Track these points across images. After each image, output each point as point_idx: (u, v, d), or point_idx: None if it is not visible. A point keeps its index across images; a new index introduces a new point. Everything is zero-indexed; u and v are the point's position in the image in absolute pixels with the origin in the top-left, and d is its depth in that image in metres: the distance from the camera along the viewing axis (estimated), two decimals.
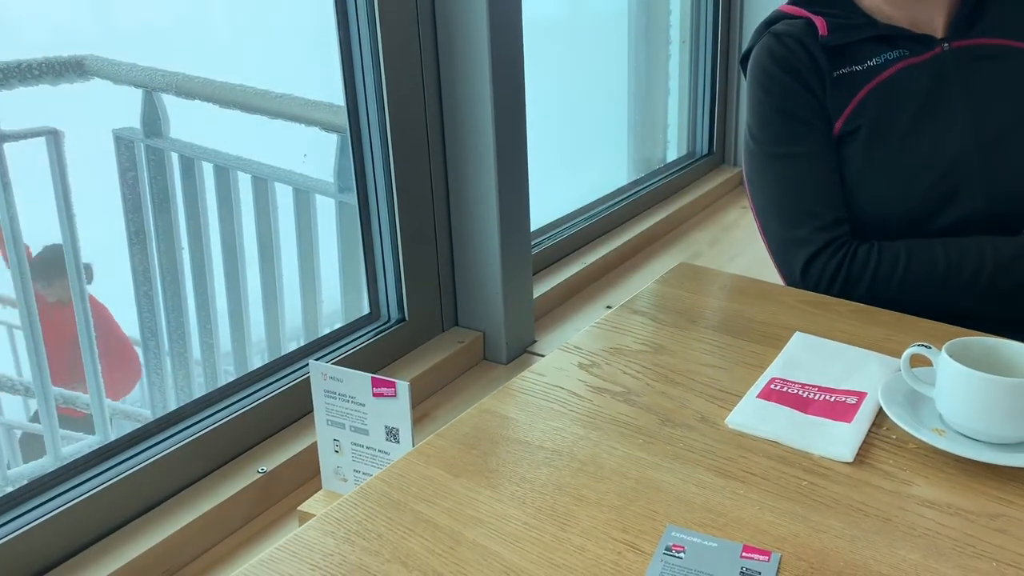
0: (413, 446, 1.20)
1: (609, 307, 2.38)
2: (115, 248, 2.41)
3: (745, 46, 1.65)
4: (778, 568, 0.87)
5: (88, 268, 2.74)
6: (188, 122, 2.52)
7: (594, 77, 3.29)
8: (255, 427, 1.68)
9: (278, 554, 0.91)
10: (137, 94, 2.52)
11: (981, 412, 1.02)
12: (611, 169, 3.15)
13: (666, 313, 1.38)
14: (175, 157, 2.50)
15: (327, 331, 1.94)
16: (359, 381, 1.36)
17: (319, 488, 1.48)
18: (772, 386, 1.15)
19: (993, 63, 1.51)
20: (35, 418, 2.96)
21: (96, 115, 2.46)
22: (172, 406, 2.31)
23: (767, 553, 0.88)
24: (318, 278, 2.59)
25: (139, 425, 1.56)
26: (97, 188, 2.48)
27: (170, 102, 2.53)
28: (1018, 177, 1.47)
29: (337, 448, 1.42)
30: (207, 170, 2.53)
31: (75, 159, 2.23)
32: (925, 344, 1.08)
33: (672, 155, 3.29)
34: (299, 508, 1.42)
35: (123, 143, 2.46)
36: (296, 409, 1.74)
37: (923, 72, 1.50)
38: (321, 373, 1.38)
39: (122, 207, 2.41)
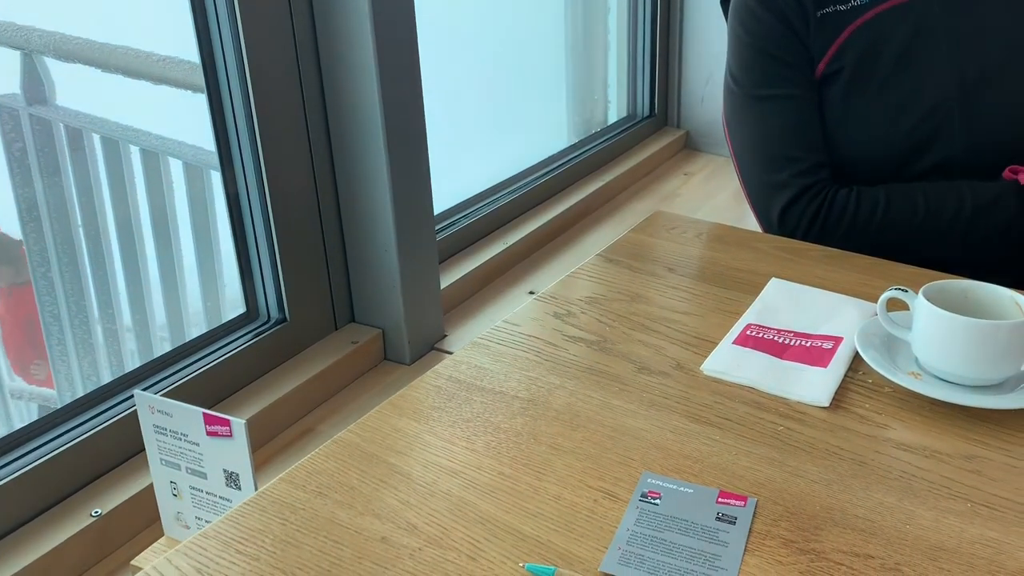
0: (256, 490, 1.11)
1: (532, 292, 2.32)
2: (8, 227, 2.40)
3: None
4: (754, 513, 0.92)
5: None
6: (76, 88, 2.50)
7: (527, 30, 3.22)
8: (89, 462, 1.57)
9: (246, 509, 0.95)
10: (16, 56, 2.50)
11: (957, 355, 1.09)
12: (547, 133, 3.13)
13: (641, 261, 1.44)
14: (63, 128, 2.49)
15: (225, 320, 1.87)
16: (190, 416, 1.26)
17: (162, 535, 1.39)
18: (748, 332, 1.22)
19: (979, 6, 1.57)
20: None
21: None
22: (80, 392, 2.32)
23: (743, 498, 0.94)
24: (218, 260, 2.58)
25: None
26: None
27: (56, 67, 2.50)
28: (999, 122, 1.55)
29: (175, 491, 1.33)
30: (96, 142, 2.50)
31: None
32: (902, 288, 1.14)
33: (614, 117, 3.28)
34: (132, 562, 1.32)
35: (5, 111, 2.44)
36: (136, 441, 1.57)
37: (908, 13, 1.56)
38: (148, 406, 1.28)
39: (10, 182, 2.40)
